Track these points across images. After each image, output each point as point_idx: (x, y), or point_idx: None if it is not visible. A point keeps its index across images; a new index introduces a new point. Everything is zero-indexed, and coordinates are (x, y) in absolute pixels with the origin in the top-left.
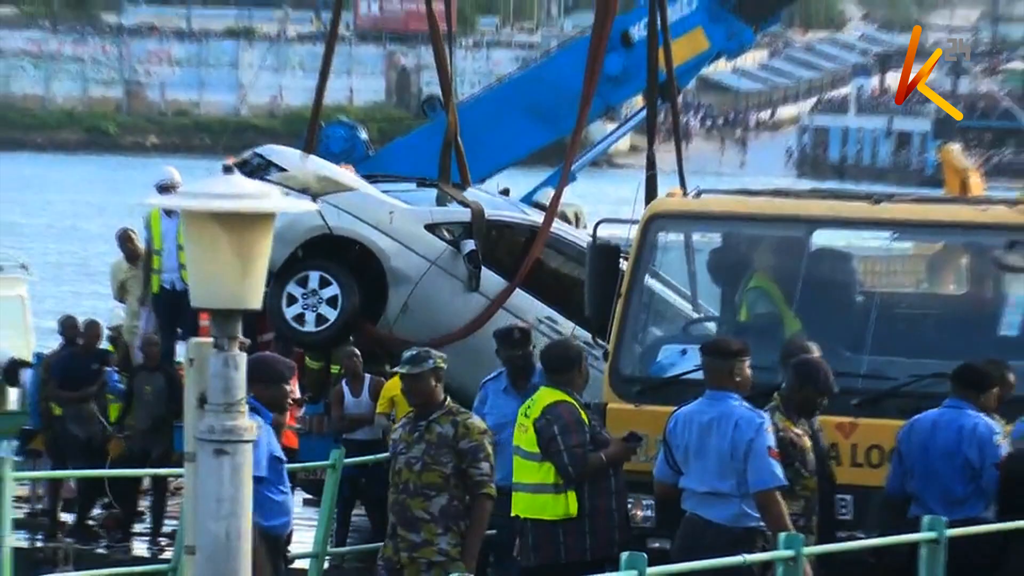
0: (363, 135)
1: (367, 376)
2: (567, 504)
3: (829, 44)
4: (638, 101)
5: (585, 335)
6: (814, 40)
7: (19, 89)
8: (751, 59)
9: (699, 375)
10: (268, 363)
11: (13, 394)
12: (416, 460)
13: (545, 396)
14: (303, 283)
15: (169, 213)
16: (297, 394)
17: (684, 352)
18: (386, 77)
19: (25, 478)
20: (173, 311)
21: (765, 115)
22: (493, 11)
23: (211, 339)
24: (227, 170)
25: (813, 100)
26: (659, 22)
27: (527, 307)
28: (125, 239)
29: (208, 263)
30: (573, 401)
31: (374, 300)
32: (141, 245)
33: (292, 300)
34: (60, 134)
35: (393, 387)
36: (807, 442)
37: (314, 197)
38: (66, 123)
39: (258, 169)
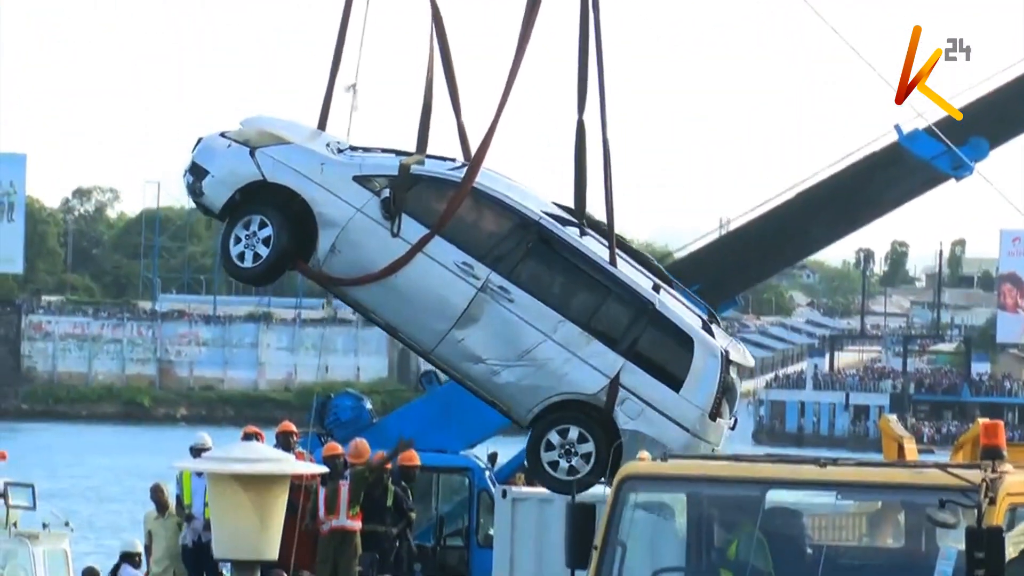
0: (368, 405)
1: None
2: None
3: (779, 327)
4: None
5: (500, 280)
6: (765, 324)
7: (64, 367)
8: None
9: None
10: None
11: None
12: None
13: None
14: (247, 226)
15: (199, 473)
16: None
17: None
18: (388, 356)
19: None
20: (198, 561)
21: None
22: None
23: None
24: (247, 438)
25: (768, 376)
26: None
27: (445, 253)
28: (156, 491)
29: (230, 519)
30: None
31: (309, 241)
32: (170, 499)
33: (237, 240)
34: (100, 407)
35: None
36: None
37: (253, 149)
38: (106, 397)
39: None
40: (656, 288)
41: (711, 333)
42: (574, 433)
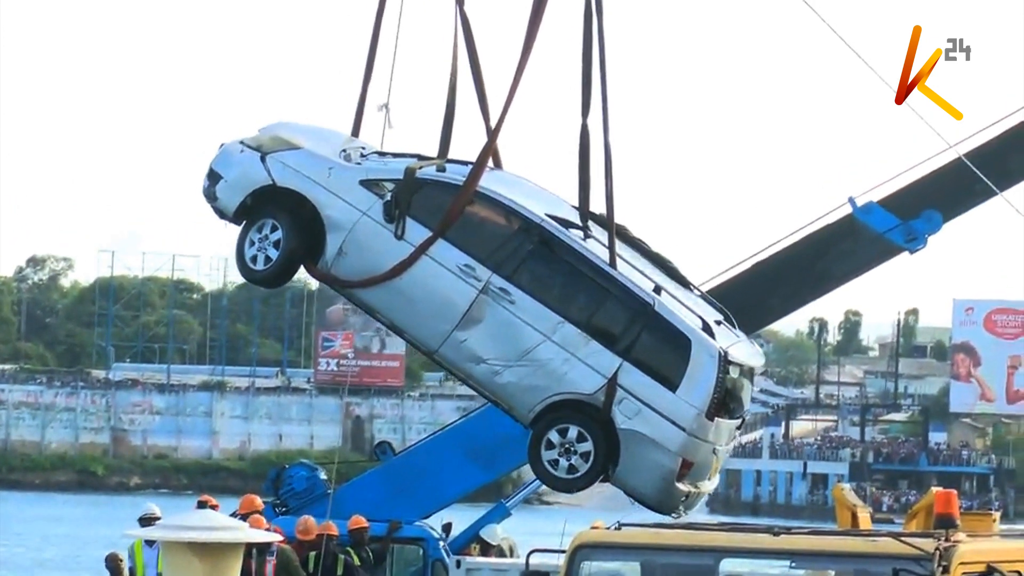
0: (322, 476)
1: None
2: None
3: None
4: None
5: (500, 281)
6: None
7: (17, 436)
8: None
9: None
10: None
11: None
12: None
13: None
14: (260, 229)
15: (150, 543)
16: None
17: None
18: (343, 425)
19: None
20: None
21: None
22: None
23: None
24: (201, 505)
25: None
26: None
27: (447, 255)
28: (112, 560)
29: None
30: None
31: (319, 244)
32: (126, 568)
33: (251, 244)
34: (54, 475)
35: None
36: None
37: (264, 154)
38: (59, 465)
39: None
40: (657, 289)
41: (711, 334)
42: (573, 432)
